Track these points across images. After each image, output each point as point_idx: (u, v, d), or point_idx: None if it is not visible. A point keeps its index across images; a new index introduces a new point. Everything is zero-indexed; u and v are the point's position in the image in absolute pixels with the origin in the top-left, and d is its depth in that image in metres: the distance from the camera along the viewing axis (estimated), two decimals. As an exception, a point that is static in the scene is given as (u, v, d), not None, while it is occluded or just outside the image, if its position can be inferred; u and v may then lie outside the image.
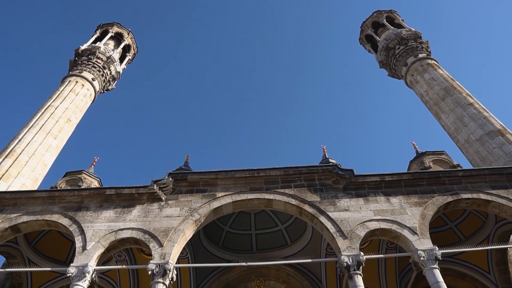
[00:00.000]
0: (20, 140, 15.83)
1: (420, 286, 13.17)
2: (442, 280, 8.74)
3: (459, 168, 14.23)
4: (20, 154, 15.25)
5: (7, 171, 14.47)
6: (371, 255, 9.68)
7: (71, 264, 9.39)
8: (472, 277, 13.39)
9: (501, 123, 16.01)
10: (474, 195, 10.52)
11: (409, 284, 11.42)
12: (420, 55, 20.67)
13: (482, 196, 10.49)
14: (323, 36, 68.18)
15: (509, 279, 12.93)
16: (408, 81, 21.14)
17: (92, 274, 9.40)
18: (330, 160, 13.28)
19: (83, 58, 20.88)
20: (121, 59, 23.88)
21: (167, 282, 9.10)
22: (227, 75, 66.75)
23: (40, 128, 16.57)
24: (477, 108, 16.87)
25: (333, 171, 11.07)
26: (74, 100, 18.66)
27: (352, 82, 67.16)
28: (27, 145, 15.70)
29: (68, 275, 9.22)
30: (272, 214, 13.84)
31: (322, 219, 10.08)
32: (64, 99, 18.32)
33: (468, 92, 17.96)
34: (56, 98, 18.30)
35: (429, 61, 20.34)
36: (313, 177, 11.17)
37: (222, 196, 10.83)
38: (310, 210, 10.35)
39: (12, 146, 15.47)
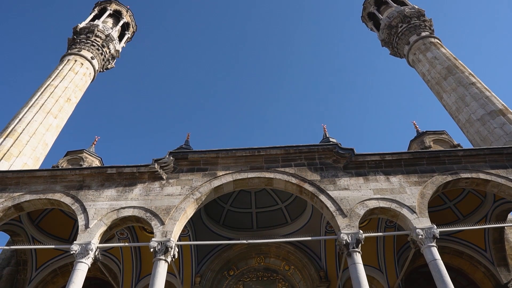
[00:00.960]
0: (20, 119, 15.82)
1: (417, 264, 13.43)
2: (440, 258, 8.89)
3: (459, 148, 14.24)
4: (21, 133, 15.27)
5: (8, 150, 14.52)
6: (370, 233, 9.80)
7: (74, 242, 9.53)
8: (469, 254, 13.61)
9: (503, 103, 15.94)
10: (474, 175, 10.58)
11: (406, 261, 11.58)
12: (423, 34, 20.39)
13: (482, 176, 10.54)
14: (325, 13, 67.09)
15: (505, 257, 13.16)
16: (410, 60, 20.92)
17: (95, 251, 9.55)
18: (331, 139, 13.28)
19: (81, 36, 20.62)
20: (120, 38, 23.59)
21: (169, 259, 9.27)
22: (228, 54, 66.07)
23: (40, 107, 16.53)
24: (479, 87, 16.76)
25: (334, 150, 11.09)
26: (74, 79, 18.54)
27: (353, 61, 66.51)
28: (28, 124, 15.69)
29: (71, 252, 9.36)
30: (272, 192, 13.94)
31: (322, 197, 10.18)
32: (63, 78, 18.20)
33: (470, 71, 17.81)
34: (55, 77, 18.18)
35: (432, 39, 20.08)
36: (314, 156, 11.21)
37: (222, 174, 10.89)
38: (310, 188, 10.43)
39: (12, 126, 15.47)
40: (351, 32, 63.08)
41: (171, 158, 11.17)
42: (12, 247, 11.52)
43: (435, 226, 9.37)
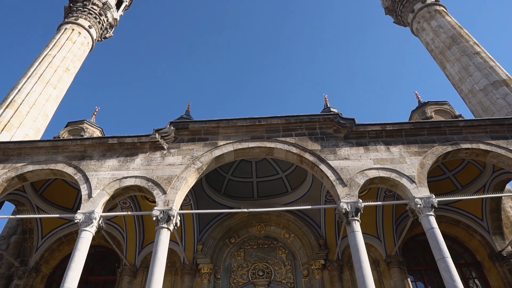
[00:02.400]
0: (19, 90, 15.70)
1: (415, 232, 13.69)
2: (437, 226, 9.03)
3: (460, 119, 14.16)
4: (20, 104, 15.20)
5: (9, 121, 14.50)
6: (369, 202, 9.93)
7: (78, 211, 9.68)
8: (466, 223, 13.84)
9: (507, 73, 15.73)
10: (474, 145, 10.59)
11: (404, 230, 11.80)
12: (428, 1, 19.85)
13: (482, 146, 10.56)
14: (328, -19, 65.08)
15: (500, 226, 13.39)
16: (414, 29, 20.48)
17: (99, 220, 9.73)
18: (332, 109, 13.20)
19: (78, 4, 20.12)
20: (118, 5, 22.98)
21: (171, 227, 9.44)
22: (228, 22, 64.65)
23: (39, 77, 16.37)
24: (483, 57, 16.49)
25: (334, 120, 11.06)
26: (72, 48, 18.26)
27: (355, 29, 65.12)
28: (27, 95, 15.59)
29: (76, 221, 9.54)
30: (273, 162, 14.03)
31: (323, 167, 10.24)
32: (61, 47, 17.91)
33: (475, 41, 17.46)
34: (53, 47, 17.89)
35: (437, 7, 19.57)
36: (314, 126, 11.20)
37: (223, 144, 10.93)
38: (311, 158, 10.48)
39: (12, 97, 15.37)
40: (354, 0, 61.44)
41: (172, 128, 11.17)
42: (17, 216, 11.69)
43: (433, 195, 9.47)
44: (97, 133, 18.84)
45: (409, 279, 12.57)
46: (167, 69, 63.49)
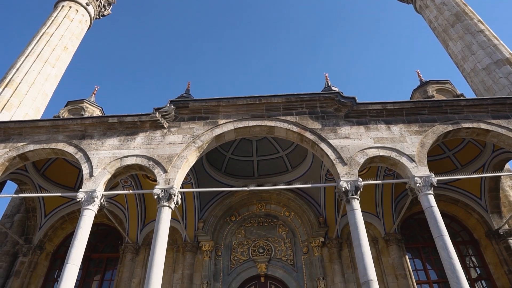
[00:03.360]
0: (18, 69, 15.58)
1: (413, 211, 13.84)
2: (436, 205, 9.10)
3: (462, 98, 14.07)
4: (19, 83, 15.11)
5: (8, 101, 14.45)
6: (369, 181, 10.00)
7: (80, 190, 9.75)
8: (464, 202, 13.98)
9: (511, 52, 15.53)
10: (475, 125, 10.57)
11: (403, 208, 11.93)
12: (433, -23, 19.39)
13: (483, 126, 10.54)
14: (330, -43, 63.51)
15: (498, 204, 13.52)
16: (418, 6, 20.10)
17: (101, 198, 9.82)
18: (333, 88, 13.11)
19: (74, -20, 19.67)
20: (115, -18, 22.49)
21: (172, 206, 9.54)
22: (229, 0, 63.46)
23: (37, 56, 16.22)
24: (487, 35, 16.25)
25: (335, 99, 11.02)
26: (69, 26, 18.00)
27: (357, 7, 63.94)
28: (26, 74, 15.48)
29: (78, 199, 9.62)
30: (273, 141, 14.04)
31: (323, 146, 10.26)
32: (58, 25, 17.66)
33: (479, 18, 17.16)
34: (50, 25, 17.64)
35: (442, -17, 19.12)
36: (315, 104, 11.16)
37: (224, 123, 10.92)
38: (311, 137, 10.49)
39: (10, 76, 15.26)
40: (357, -23, 60.10)
41: (172, 106, 11.14)
42: (20, 195, 11.84)
43: (433, 174, 9.52)
44: (97, 112, 18.78)
45: (407, 256, 12.78)
46: (167, 48, 62.79)
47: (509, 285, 12.10)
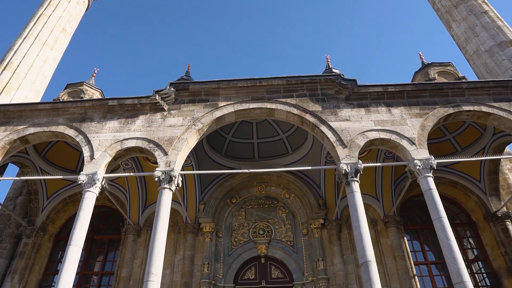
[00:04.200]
0: (16, 51, 15.46)
1: (413, 193, 13.93)
2: (435, 187, 9.16)
3: (463, 80, 13.98)
4: (18, 66, 15.03)
5: (7, 83, 14.41)
6: (369, 163, 10.03)
7: (81, 172, 9.82)
8: (463, 185, 14.04)
9: (515, 34, 15.34)
10: (476, 108, 10.54)
11: (403, 191, 12.00)
12: (437, -44, 18.98)
13: (484, 109, 10.51)
14: None
15: (497, 187, 13.59)
16: (421, -13, 19.76)
17: (102, 181, 9.87)
18: (333, 70, 13.00)
19: (71, -40, 19.29)
20: (113, -38, 22.10)
21: (173, 188, 9.60)
22: (227, -19, 62.31)
23: (35, 38, 16.07)
24: (491, 16, 16.02)
25: (336, 81, 10.96)
26: (67, 7, 17.77)
27: (360, -11, 62.81)
28: (24, 57, 15.39)
29: (79, 182, 9.70)
30: (273, 123, 14.02)
31: (323, 128, 10.26)
32: (56, 7, 17.44)
33: (484, -1, 16.91)
34: (47, 6, 17.41)
35: (446, -37, 18.74)
36: (316, 86, 11.10)
37: (224, 105, 10.90)
38: (312, 119, 10.48)
39: (8, 58, 15.16)
40: (360, -44, 58.85)
41: (172, 89, 11.10)
42: (22, 177, 11.91)
43: (433, 157, 9.55)
44: (96, 95, 18.70)
45: (405, 238, 12.93)
46: (166, 30, 62.02)
47: (505, 266, 12.29)
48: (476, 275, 12.94)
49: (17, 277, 12.82)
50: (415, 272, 12.09)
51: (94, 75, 20.05)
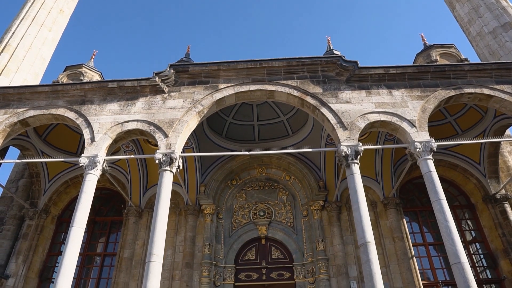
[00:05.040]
0: (13, 33, 15.27)
1: (412, 176, 14.02)
2: (434, 170, 9.20)
3: (466, 62, 13.84)
4: (16, 48, 14.88)
5: (6, 66, 14.30)
6: (369, 145, 10.05)
7: (82, 155, 9.85)
8: (463, 167, 14.10)
9: (520, 15, 15.10)
10: (478, 90, 10.49)
11: (402, 173, 12.07)
12: None
13: (485, 91, 10.46)
14: None
15: (497, 170, 13.65)
16: (425, -34, 19.36)
17: (103, 163, 9.92)
18: (335, 52, 12.82)
19: None
20: None
21: (174, 170, 9.65)
22: (227, -39, 61.01)
23: (33, 20, 15.85)
24: (496, -4, 15.75)
25: (337, 63, 10.87)
26: (64, -13, 17.46)
27: (362, -31, 61.55)
28: (22, 38, 15.20)
29: (80, 164, 9.75)
30: (274, 105, 13.97)
31: (324, 110, 10.24)
32: (53, -13, 17.12)
33: (489, -22, 16.56)
34: (44, -15, 17.09)
35: None
36: (316, 68, 11.03)
37: (224, 87, 10.85)
38: (312, 101, 10.44)
39: (6, 40, 14.99)
40: None
41: (172, 71, 11.03)
42: (23, 160, 11.97)
43: (433, 140, 9.56)
44: (96, 77, 18.58)
45: (404, 220, 13.06)
46: (166, 11, 61.10)
47: (502, 247, 12.46)
48: (473, 256, 13.14)
49: (21, 257, 13.04)
50: (413, 253, 12.26)
51: (93, 57, 19.87)
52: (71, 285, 8.19)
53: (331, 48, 13.52)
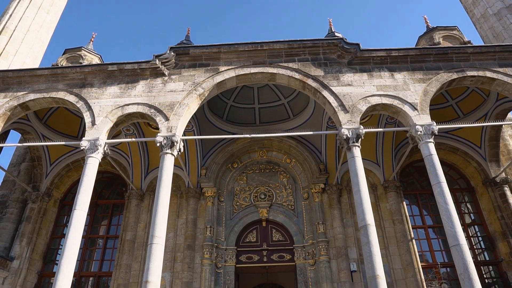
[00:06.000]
0: (10, 15, 15.09)
1: (413, 159, 14.04)
2: (435, 153, 9.22)
3: (469, 45, 13.70)
4: (14, 30, 14.73)
5: (4, 49, 14.18)
6: (370, 128, 10.03)
7: (83, 138, 9.88)
8: (464, 151, 14.11)
9: (525, -5, 14.85)
10: (480, 73, 10.43)
11: (403, 156, 12.09)
12: None
13: (488, 74, 10.40)
14: None
15: (497, 153, 13.67)
16: None
17: (104, 147, 9.95)
18: (336, 34, 12.70)
19: None
20: None
21: (175, 153, 9.67)
22: None
23: (30, 1, 15.65)
24: (501, -23, 15.45)
25: (339, 45, 10.77)
26: (62, -32, 17.15)
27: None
28: (20, 21, 15.04)
29: (81, 148, 9.79)
30: (275, 88, 13.89)
31: (325, 93, 10.20)
32: (50, -33, 16.81)
33: (494, -43, 16.21)
34: (41, -34, 16.78)
35: None
36: (318, 51, 10.93)
37: (225, 70, 10.78)
38: (314, 84, 10.39)
39: (3, 23, 14.82)
40: None
41: (172, 53, 10.95)
42: (24, 144, 11.97)
43: (434, 123, 9.54)
44: (96, 60, 18.41)
45: (404, 203, 13.15)
46: (164, -7, 60.06)
47: (500, 230, 12.58)
48: (471, 238, 13.27)
49: (25, 240, 13.20)
50: (412, 236, 12.39)
51: (92, 40, 19.64)
52: (74, 267, 8.32)
53: (333, 31, 13.39)
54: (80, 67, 11.35)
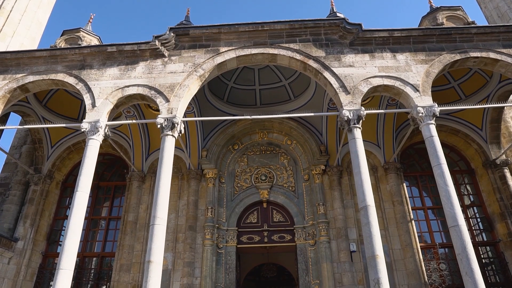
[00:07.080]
0: (6, -4, 14.83)
1: (414, 141, 14.06)
2: (436, 135, 9.21)
3: (473, 25, 13.51)
4: (10, 11, 14.52)
5: (1, 30, 14.02)
6: (371, 110, 9.99)
7: (84, 120, 9.86)
8: (465, 133, 14.09)
9: (531, -26, 14.56)
10: (484, 54, 10.31)
11: (404, 138, 12.07)
12: None
13: (492, 55, 10.28)
14: None
15: (498, 135, 13.66)
16: None
17: (105, 128, 9.94)
18: (338, 14, 12.49)
19: None
20: None
21: (175, 135, 9.67)
22: None
23: (26, -19, 15.35)
24: (507, -46, 15.12)
25: (340, 26, 10.62)
26: None
27: None
28: (16, 1, 14.78)
29: (82, 130, 9.77)
30: (276, 69, 13.76)
31: (326, 74, 10.11)
32: None
33: None
34: None
35: None
36: (319, 31, 10.78)
37: (225, 51, 10.66)
38: (315, 65, 10.29)
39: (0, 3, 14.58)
40: None
41: (172, 34, 10.81)
42: (25, 126, 11.98)
43: (436, 104, 9.49)
44: (94, 42, 18.21)
45: (404, 184, 13.21)
46: (163, -27, 58.92)
47: (499, 211, 12.68)
48: (470, 219, 13.39)
49: (28, 221, 13.35)
50: (412, 217, 12.51)
51: (91, 21, 19.37)
52: (78, 247, 8.44)
53: (335, 11, 13.17)
54: (79, 48, 11.22)
